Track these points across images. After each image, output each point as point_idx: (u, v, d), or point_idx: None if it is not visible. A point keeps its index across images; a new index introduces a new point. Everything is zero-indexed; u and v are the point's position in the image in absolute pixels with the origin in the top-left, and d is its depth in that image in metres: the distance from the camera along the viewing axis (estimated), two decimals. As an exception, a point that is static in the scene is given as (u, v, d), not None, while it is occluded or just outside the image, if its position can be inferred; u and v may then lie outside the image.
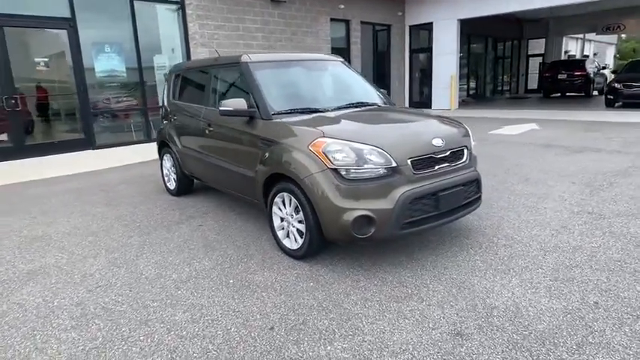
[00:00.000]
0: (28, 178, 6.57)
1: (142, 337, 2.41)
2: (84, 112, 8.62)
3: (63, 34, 8.22)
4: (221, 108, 3.59)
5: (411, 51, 15.71)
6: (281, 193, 3.30)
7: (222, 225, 4.17)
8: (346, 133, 3.11)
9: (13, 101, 7.58)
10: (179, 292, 2.92)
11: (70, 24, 8.18)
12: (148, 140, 9.42)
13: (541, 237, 3.54)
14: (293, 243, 3.29)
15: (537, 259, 3.16)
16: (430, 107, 15.23)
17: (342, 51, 13.86)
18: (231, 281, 3.03)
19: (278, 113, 3.54)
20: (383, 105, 4.14)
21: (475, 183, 3.41)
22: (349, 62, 14.32)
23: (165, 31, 10.19)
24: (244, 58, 3.97)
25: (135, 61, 9.35)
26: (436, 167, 3.12)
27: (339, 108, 3.77)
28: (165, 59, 10.39)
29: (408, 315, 2.52)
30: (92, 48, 8.65)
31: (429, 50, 15.19)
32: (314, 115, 3.55)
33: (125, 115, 9.59)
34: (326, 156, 2.93)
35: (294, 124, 3.33)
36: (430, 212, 3.07)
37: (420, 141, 3.14)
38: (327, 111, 3.66)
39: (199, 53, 10.33)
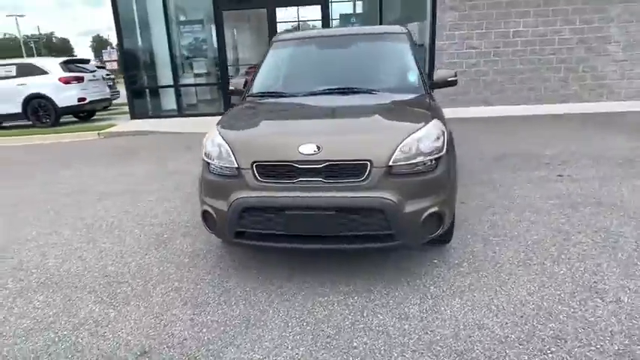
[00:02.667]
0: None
1: (66, 241, 3.48)
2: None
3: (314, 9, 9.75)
4: (230, 87, 3.93)
5: None
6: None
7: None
8: (232, 125, 2.92)
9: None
10: (133, 230, 3.77)
11: (323, 0, 9.58)
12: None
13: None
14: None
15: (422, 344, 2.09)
16: None
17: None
18: (165, 235, 3.61)
19: (252, 95, 3.57)
20: (380, 94, 3.26)
21: (378, 214, 2.43)
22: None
23: (413, -2, 10.12)
24: (274, 37, 4.03)
25: (377, 31, 9.94)
26: (298, 179, 2.50)
27: (313, 93, 3.34)
28: (415, 26, 10.42)
29: (152, 322, 2.45)
30: (339, 20, 9.84)
31: None
32: (270, 99, 3.37)
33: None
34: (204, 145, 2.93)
35: (232, 109, 3.34)
36: (276, 230, 2.56)
37: (282, 144, 2.57)
38: (296, 96, 3.36)
39: (446, 19, 9.73)
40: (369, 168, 2.43)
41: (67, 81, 10.37)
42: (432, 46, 10.08)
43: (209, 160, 2.77)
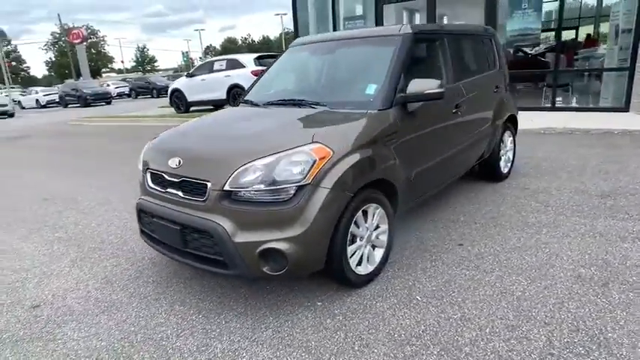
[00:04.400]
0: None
1: (122, 210, 4.47)
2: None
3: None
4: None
5: None
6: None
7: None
8: (165, 133, 3.14)
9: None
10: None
11: (488, -14, 8.36)
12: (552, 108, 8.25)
13: None
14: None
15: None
16: None
17: None
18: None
19: (240, 102, 3.72)
20: (319, 108, 2.94)
21: (210, 238, 2.34)
22: None
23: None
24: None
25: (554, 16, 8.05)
26: (166, 189, 2.63)
27: (270, 104, 3.27)
28: (620, 6, 8.02)
29: (78, 285, 3.04)
30: (508, 5, 8.38)
31: None
32: (237, 108, 3.47)
33: (531, 78, 8.69)
34: None
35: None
36: (152, 234, 2.77)
37: (164, 154, 2.70)
38: (257, 106, 3.36)
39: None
40: (208, 189, 2.36)
41: (256, 74, 12.31)
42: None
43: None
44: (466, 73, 3.77)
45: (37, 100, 27.93)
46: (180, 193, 2.53)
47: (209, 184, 2.36)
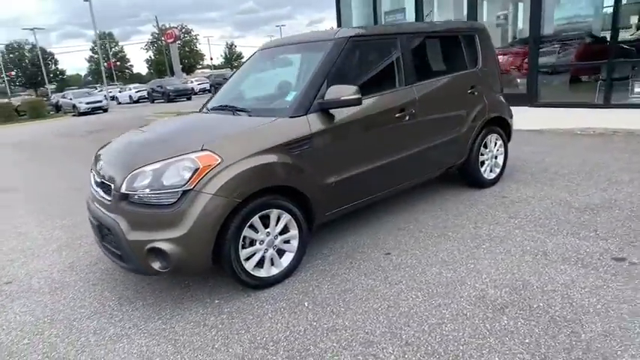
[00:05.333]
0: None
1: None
2: (530, 65, 8.16)
3: None
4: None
5: None
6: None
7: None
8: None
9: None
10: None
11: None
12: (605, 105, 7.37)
13: None
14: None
15: None
16: None
17: None
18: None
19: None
20: (240, 116, 3.08)
21: (110, 232, 2.62)
22: None
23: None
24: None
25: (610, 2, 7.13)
26: (96, 189, 2.96)
27: (214, 109, 3.46)
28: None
29: (48, 267, 3.53)
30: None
31: None
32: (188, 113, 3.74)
33: (584, 70, 7.72)
34: None
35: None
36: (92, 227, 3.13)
37: (99, 157, 3.03)
38: (207, 112, 3.57)
39: None
40: (112, 190, 2.64)
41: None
42: None
43: None
44: (425, 74, 3.61)
45: (130, 97, 31.25)
46: (101, 192, 2.84)
47: (112, 186, 2.63)
